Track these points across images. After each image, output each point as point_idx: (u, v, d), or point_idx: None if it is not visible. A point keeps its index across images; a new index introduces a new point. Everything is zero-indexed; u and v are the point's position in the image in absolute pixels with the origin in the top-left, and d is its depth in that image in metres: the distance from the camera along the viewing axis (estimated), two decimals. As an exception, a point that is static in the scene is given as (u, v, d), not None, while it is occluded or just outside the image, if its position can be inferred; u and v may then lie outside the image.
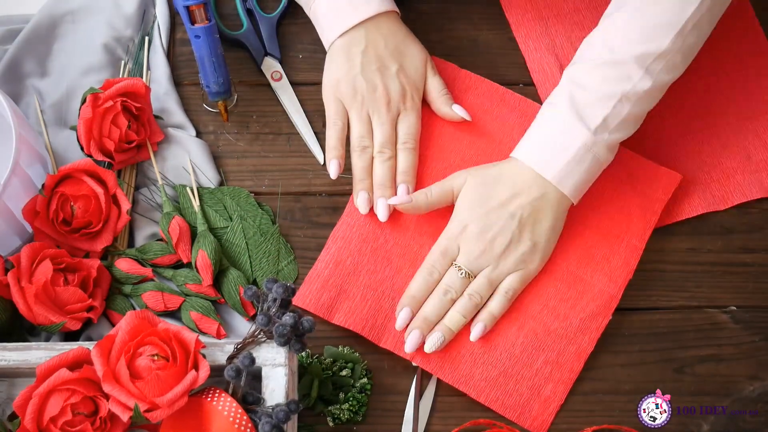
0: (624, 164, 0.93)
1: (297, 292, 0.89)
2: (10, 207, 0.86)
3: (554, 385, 0.87)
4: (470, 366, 0.87)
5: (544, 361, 0.87)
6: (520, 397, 0.87)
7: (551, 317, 0.88)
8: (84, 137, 0.90)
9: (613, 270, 0.90)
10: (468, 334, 0.88)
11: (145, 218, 0.93)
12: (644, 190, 0.93)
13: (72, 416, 0.75)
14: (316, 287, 0.90)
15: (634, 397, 0.88)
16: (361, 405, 0.87)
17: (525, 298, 0.89)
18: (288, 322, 0.77)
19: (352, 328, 0.88)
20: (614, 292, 0.89)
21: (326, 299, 0.89)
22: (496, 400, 0.86)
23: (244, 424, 0.76)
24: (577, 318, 0.88)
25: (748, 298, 0.92)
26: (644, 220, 0.92)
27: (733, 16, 0.98)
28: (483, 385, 0.87)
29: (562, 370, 0.87)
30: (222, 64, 0.95)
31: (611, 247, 0.91)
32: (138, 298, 0.89)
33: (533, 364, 0.87)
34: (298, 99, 0.98)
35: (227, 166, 0.96)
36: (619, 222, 0.92)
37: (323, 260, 0.91)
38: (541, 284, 0.89)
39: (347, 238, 0.91)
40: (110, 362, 0.76)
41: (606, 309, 0.89)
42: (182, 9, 0.93)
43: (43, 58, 0.98)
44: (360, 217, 0.92)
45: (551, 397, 0.87)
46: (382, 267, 0.90)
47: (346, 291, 0.89)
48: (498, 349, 0.88)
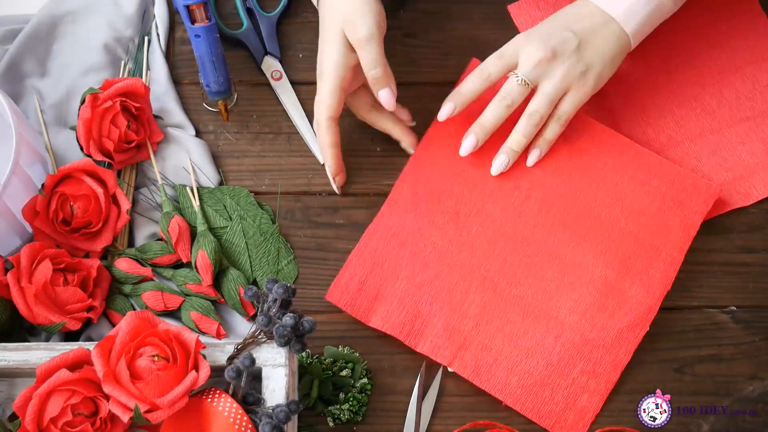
0: (663, 175, 0.92)
1: (330, 291, 0.89)
2: (10, 207, 0.86)
3: (590, 395, 0.86)
4: (507, 374, 0.87)
5: (580, 371, 0.87)
6: (556, 406, 0.86)
7: (589, 327, 0.88)
8: (83, 137, 0.90)
9: (651, 281, 0.89)
10: (504, 343, 0.87)
11: (144, 218, 0.93)
12: (683, 202, 0.91)
13: (72, 417, 0.75)
14: (352, 289, 0.89)
15: (634, 397, 0.88)
16: (361, 405, 0.87)
17: (563, 306, 0.88)
18: (288, 322, 0.77)
19: (389, 332, 0.88)
20: (652, 303, 0.89)
21: (363, 302, 0.89)
22: (531, 408, 0.86)
23: (245, 424, 0.76)
24: (614, 328, 0.88)
25: (748, 298, 0.92)
26: (683, 232, 0.91)
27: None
28: (519, 393, 0.86)
29: (599, 380, 0.87)
30: (222, 64, 0.95)
31: (650, 259, 0.90)
32: (138, 298, 0.89)
33: (570, 373, 0.87)
34: (298, 98, 0.98)
35: (227, 166, 0.96)
36: (658, 234, 0.91)
37: (359, 261, 0.90)
38: (580, 294, 0.89)
39: (385, 239, 0.91)
40: (110, 363, 0.76)
41: (643, 320, 0.88)
42: (182, 8, 0.93)
43: (43, 58, 0.98)
44: (398, 219, 0.91)
45: (587, 407, 0.86)
46: (420, 271, 0.89)
47: (384, 295, 0.89)
48: (535, 358, 0.87)
